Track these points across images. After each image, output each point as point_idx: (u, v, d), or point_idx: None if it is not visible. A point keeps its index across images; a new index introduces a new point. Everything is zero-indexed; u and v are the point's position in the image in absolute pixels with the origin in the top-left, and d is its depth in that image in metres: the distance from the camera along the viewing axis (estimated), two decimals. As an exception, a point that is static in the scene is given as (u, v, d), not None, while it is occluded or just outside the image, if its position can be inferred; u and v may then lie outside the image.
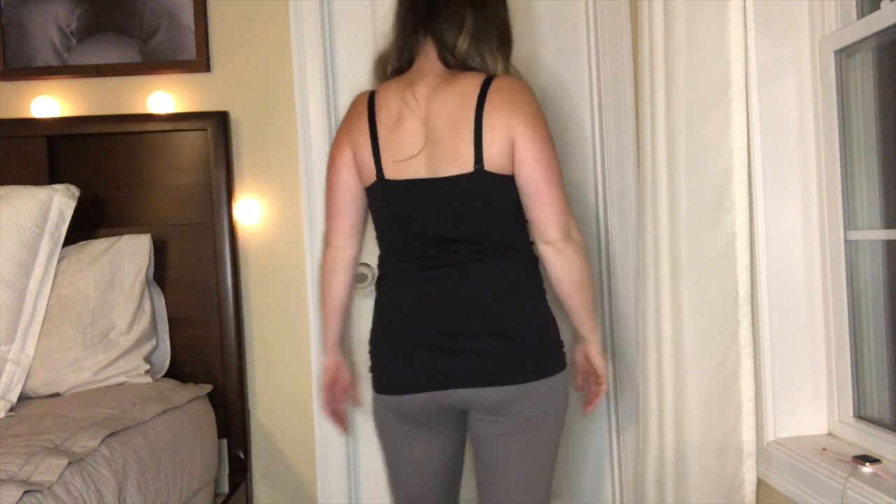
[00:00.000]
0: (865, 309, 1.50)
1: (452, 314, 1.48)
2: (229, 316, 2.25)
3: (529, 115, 1.47)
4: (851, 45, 1.47)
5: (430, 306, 1.50)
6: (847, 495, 1.29)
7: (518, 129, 1.45)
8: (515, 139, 1.45)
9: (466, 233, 1.49)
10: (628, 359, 2.23)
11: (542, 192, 1.45)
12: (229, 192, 2.26)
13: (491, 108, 1.45)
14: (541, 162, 1.45)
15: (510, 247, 1.53)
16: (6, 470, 1.31)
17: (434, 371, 1.49)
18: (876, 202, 1.47)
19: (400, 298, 1.55)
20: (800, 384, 1.56)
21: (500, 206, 1.50)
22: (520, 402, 1.49)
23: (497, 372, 1.47)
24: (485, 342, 1.47)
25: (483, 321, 1.47)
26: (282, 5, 2.29)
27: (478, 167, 1.45)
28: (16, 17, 2.29)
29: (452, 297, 1.49)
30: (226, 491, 2.23)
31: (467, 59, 1.51)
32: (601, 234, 2.35)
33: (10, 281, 1.93)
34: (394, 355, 1.55)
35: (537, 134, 1.46)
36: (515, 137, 1.45)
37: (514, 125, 1.45)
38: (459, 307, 1.48)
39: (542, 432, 1.54)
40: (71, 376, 1.96)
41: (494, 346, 1.47)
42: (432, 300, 1.50)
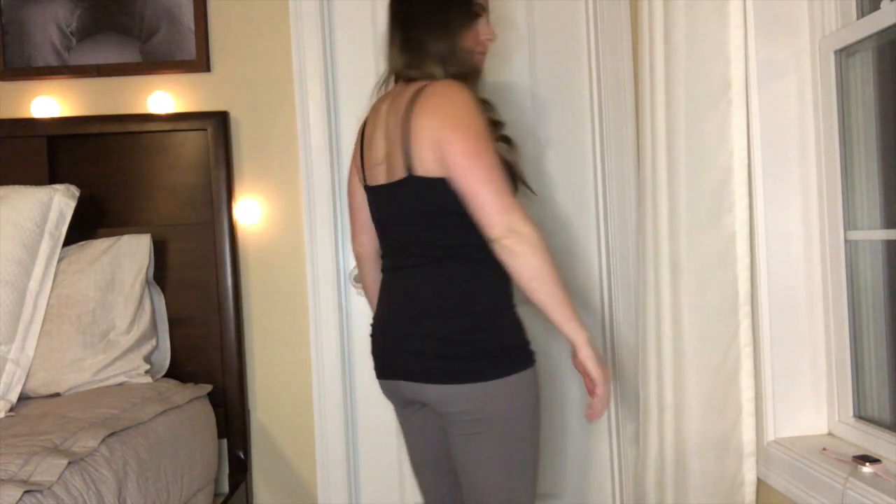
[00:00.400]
0: (865, 309, 1.50)
1: (405, 314, 1.58)
2: (229, 316, 2.25)
3: (454, 117, 1.48)
4: (851, 45, 1.47)
5: (396, 304, 1.61)
6: (847, 495, 1.29)
7: (443, 133, 1.47)
8: (441, 143, 1.48)
9: (417, 236, 1.57)
10: (628, 359, 2.24)
11: (475, 194, 1.46)
12: (229, 192, 2.26)
13: (416, 115, 1.50)
14: (468, 163, 1.46)
15: (454, 249, 1.54)
16: (6, 470, 1.31)
17: (389, 362, 1.61)
18: (876, 202, 1.47)
19: (381, 295, 1.69)
20: (800, 384, 1.56)
21: (436, 209, 1.53)
22: (458, 404, 1.51)
23: (434, 372, 1.53)
24: (424, 344, 1.54)
25: (423, 323, 1.54)
26: (282, 5, 2.30)
27: (408, 173, 1.52)
28: (16, 17, 2.29)
29: (406, 299, 1.58)
30: (226, 491, 2.23)
31: (408, 72, 1.58)
32: (601, 234, 2.35)
33: (10, 281, 1.93)
34: (373, 343, 1.68)
35: (461, 135, 1.47)
36: (441, 141, 1.47)
37: (438, 129, 1.47)
38: (409, 308, 1.58)
39: (490, 436, 1.52)
40: (71, 376, 1.96)
41: (432, 347, 1.53)
42: (398, 300, 1.61)
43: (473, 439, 1.53)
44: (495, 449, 1.53)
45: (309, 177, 2.30)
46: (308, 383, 2.31)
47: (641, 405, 1.87)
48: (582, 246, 2.39)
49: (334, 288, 2.31)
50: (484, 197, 1.45)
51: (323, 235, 2.30)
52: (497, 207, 1.45)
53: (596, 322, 2.38)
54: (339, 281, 2.32)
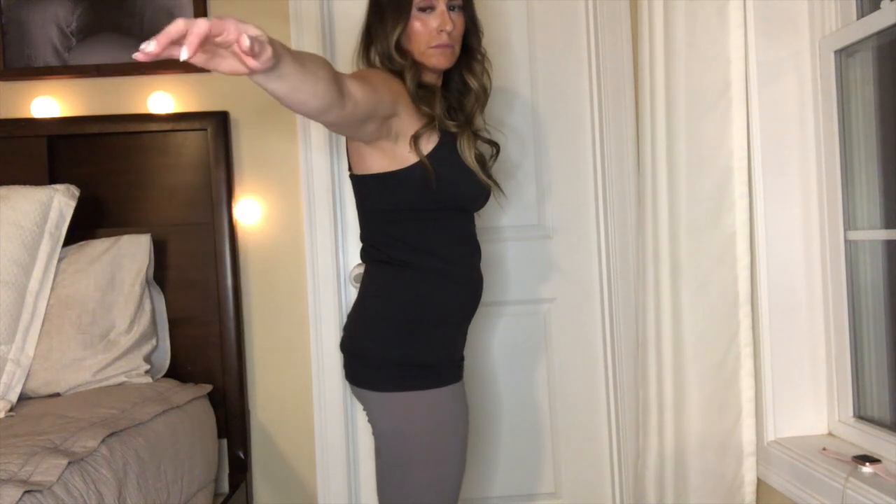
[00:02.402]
0: (865, 309, 1.50)
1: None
2: (229, 316, 2.25)
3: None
4: (851, 45, 1.47)
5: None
6: (847, 495, 1.29)
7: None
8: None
9: (362, 233, 1.62)
10: (628, 359, 2.24)
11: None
12: (229, 192, 2.26)
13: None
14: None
15: (375, 250, 1.56)
16: (6, 470, 1.31)
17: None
18: (876, 202, 1.47)
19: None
20: (800, 384, 1.56)
21: (364, 207, 1.57)
22: (360, 404, 1.57)
23: (346, 371, 1.58)
24: (343, 340, 1.60)
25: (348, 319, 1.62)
26: (282, 5, 2.29)
27: (349, 171, 1.59)
28: (16, 17, 2.29)
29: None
30: (226, 491, 2.22)
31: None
32: (601, 234, 2.35)
33: (10, 281, 1.93)
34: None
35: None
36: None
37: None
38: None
39: (383, 453, 1.51)
40: (71, 376, 1.96)
41: (344, 345, 1.58)
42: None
43: (377, 452, 1.54)
44: (387, 469, 1.51)
45: (309, 177, 2.30)
46: (308, 383, 2.31)
47: (641, 405, 1.87)
48: (582, 246, 2.38)
49: (334, 288, 2.31)
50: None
51: (323, 235, 2.30)
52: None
53: (596, 322, 2.38)
54: (339, 281, 2.32)
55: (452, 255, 1.55)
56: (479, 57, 1.65)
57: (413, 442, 1.47)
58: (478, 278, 1.62)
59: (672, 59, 1.63)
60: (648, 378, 1.80)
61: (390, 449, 1.49)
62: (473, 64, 1.64)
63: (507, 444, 2.38)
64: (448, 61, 1.58)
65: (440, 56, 1.56)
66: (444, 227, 1.54)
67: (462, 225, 1.60)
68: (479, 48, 1.65)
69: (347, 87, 1.26)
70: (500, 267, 2.36)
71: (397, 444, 1.48)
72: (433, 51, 1.55)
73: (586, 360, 2.39)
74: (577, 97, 2.37)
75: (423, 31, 1.55)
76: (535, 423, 2.39)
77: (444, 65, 1.57)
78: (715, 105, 1.56)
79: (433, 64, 1.57)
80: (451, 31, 1.55)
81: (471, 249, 1.61)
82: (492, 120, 2.34)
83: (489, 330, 2.37)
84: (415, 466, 1.48)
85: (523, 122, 2.37)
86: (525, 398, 2.39)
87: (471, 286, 1.59)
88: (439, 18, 1.54)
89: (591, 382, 2.38)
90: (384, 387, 1.48)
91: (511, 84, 2.37)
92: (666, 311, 1.71)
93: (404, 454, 1.47)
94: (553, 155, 2.38)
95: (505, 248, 2.38)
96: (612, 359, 2.33)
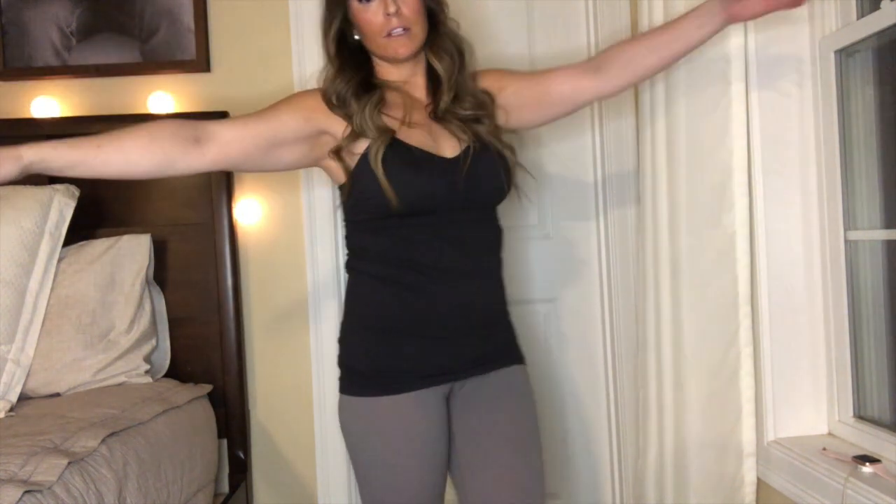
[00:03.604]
0: (865, 309, 1.50)
1: None
2: (229, 316, 2.25)
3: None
4: (851, 45, 1.47)
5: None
6: (847, 495, 1.29)
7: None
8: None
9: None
10: (628, 359, 2.24)
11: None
12: (229, 192, 2.26)
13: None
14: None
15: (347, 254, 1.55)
16: (6, 470, 1.31)
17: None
18: (876, 202, 1.47)
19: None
20: (800, 384, 1.56)
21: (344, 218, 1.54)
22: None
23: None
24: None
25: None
26: (282, 5, 2.29)
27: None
28: (16, 17, 2.29)
29: None
30: (226, 491, 2.22)
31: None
32: (601, 234, 2.35)
33: (10, 281, 1.93)
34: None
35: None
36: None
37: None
38: None
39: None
40: (71, 376, 1.96)
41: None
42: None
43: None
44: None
45: (309, 177, 2.30)
46: (308, 383, 2.31)
47: (641, 405, 1.87)
48: (582, 246, 2.38)
49: (334, 288, 2.31)
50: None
51: (323, 235, 2.30)
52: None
53: (596, 322, 2.38)
54: (339, 281, 2.32)
55: (400, 261, 1.43)
56: (442, 30, 1.48)
57: (349, 445, 1.51)
58: (449, 286, 1.42)
59: (672, 59, 1.63)
60: (648, 378, 1.80)
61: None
62: (437, 42, 1.48)
63: (507, 444, 2.38)
64: (407, 48, 1.43)
65: (395, 44, 1.42)
66: (393, 233, 1.43)
67: (420, 229, 1.42)
68: (443, 21, 1.48)
69: (209, 134, 1.35)
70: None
71: (351, 449, 1.52)
72: (386, 41, 1.42)
73: (586, 360, 2.39)
74: (577, 97, 2.37)
75: (372, 21, 1.42)
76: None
77: (403, 53, 1.43)
78: (715, 105, 1.56)
79: (391, 55, 1.44)
80: (398, 13, 1.39)
81: (433, 254, 1.42)
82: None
83: (489, 330, 2.37)
84: (356, 466, 1.51)
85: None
86: (525, 398, 2.39)
87: (426, 293, 1.42)
88: (380, 4, 1.39)
89: (591, 382, 2.38)
90: (341, 387, 1.52)
91: (511, 84, 2.36)
92: (666, 311, 1.71)
93: (352, 455, 1.52)
94: (553, 155, 2.38)
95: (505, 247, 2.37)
96: (612, 359, 2.33)
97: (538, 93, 1.54)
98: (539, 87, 1.54)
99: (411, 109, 1.46)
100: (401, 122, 1.44)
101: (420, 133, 1.44)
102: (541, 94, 1.53)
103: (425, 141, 1.44)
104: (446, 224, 1.43)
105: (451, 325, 1.44)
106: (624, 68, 1.47)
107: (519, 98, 1.54)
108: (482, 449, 1.47)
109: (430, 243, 1.43)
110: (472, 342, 1.47)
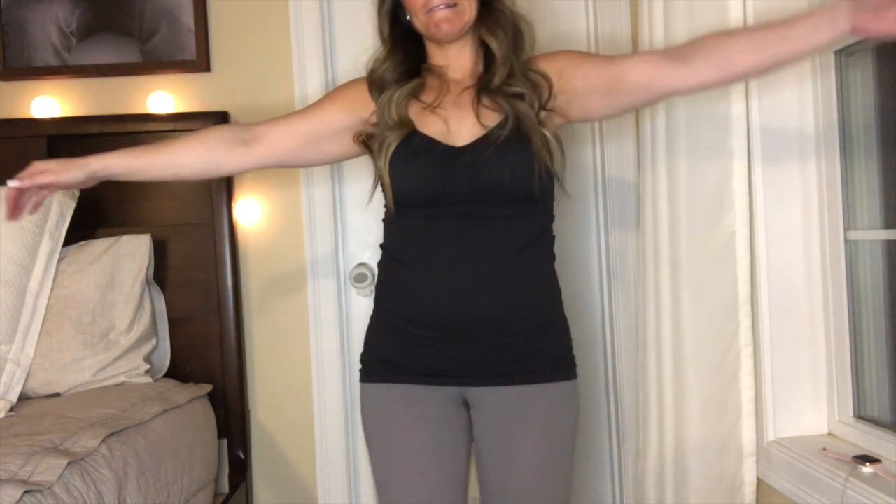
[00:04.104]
0: (865, 309, 1.50)
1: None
2: (229, 316, 2.25)
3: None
4: (851, 45, 1.47)
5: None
6: (847, 495, 1.29)
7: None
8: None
9: None
10: (628, 359, 2.23)
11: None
12: (229, 192, 2.26)
13: None
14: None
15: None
16: (6, 470, 1.31)
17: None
18: (876, 202, 1.47)
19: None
20: (800, 384, 1.56)
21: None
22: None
23: None
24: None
25: None
26: (282, 5, 2.29)
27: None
28: (16, 17, 2.29)
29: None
30: (226, 491, 2.22)
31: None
32: (601, 234, 2.35)
33: (10, 281, 1.93)
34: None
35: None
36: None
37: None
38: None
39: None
40: (71, 376, 1.96)
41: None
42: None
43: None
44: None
45: (309, 176, 2.30)
46: (308, 383, 2.31)
47: (641, 405, 1.87)
48: (582, 246, 2.38)
49: (334, 288, 2.31)
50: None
51: (323, 235, 2.30)
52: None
53: (596, 322, 2.38)
54: (339, 281, 2.32)
55: (401, 254, 1.42)
56: (497, 7, 1.39)
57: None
58: (446, 285, 1.36)
59: (672, 59, 1.63)
60: (648, 378, 1.80)
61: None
62: (492, 17, 1.39)
63: (507, 444, 2.38)
64: (451, 24, 1.34)
65: (437, 19, 1.34)
66: (401, 225, 1.40)
67: (420, 221, 1.38)
68: (501, 0, 1.39)
69: (255, 135, 1.44)
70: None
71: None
72: (427, 17, 1.34)
73: (586, 360, 2.38)
74: (577, 97, 2.37)
75: None
76: (535, 423, 2.38)
77: (445, 29, 1.35)
78: (715, 105, 1.56)
79: (433, 32, 1.36)
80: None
81: (428, 249, 1.37)
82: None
83: (489, 330, 2.37)
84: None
85: (523, 122, 2.37)
86: (525, 398, 2.39)
87: (417, 289, 1.38)
88: None
89: (591, 382, 2.38)
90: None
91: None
92: (666, 311, 1.70)
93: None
94: (553, 155, 2.38)
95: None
96: (612, 359, 2.33)
97: (610, 78, 1.36)
98: (611, 72, 1.36)
99: (444, 93, 1.40)
100: (424, 107, 1.39)
101: (436, 119, 1.38)
102: (612, 81, 1.35)
103: (438, 128, 1.37)
104: (452, 217, 1.35)
105: (444, 327, 1.37)
106: (714, 62, 1.25)
107: (588, 83, 1.38)
108: (498, 473, 1.41)
109: (430, 237, 1.37)
110: (479, 349, 1.38)
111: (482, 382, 1.40)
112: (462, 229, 1.36)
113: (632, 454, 2.19)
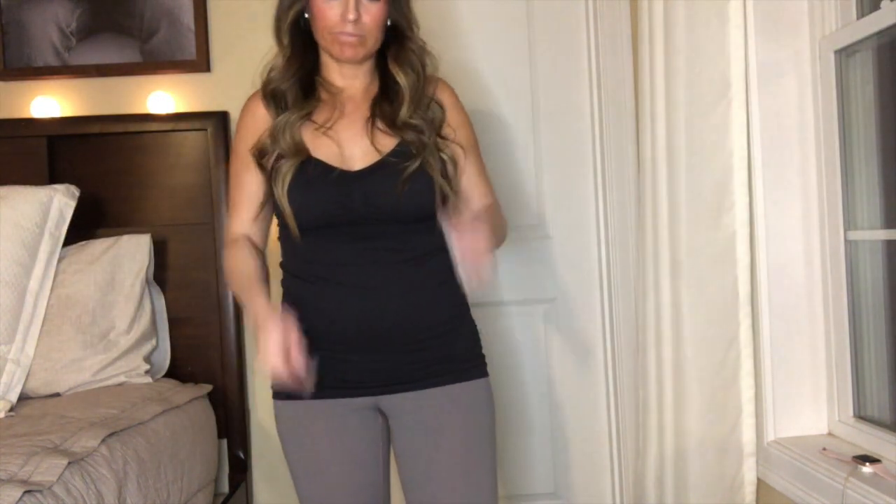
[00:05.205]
0: (865, 309, 1.50)
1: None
2: (229, 316, 2.25)
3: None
4: (851, 45, 1.47)
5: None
6: (847, 495, 1.29)
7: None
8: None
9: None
10: (628, 359, 2.23)
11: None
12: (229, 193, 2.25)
13: None
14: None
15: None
16: (6, 470, 1.31)
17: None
18: (876, 202, 1.47)
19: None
20: (800, 384, 1.56)
21: None
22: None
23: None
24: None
25: None
26: (282, 5, 2.29)
27: None
28: (16, 17, 2.29)
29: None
30: (226, 491, 2.22)
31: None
32: (601, 234, 2.35)
33: (10, 281, 1.93)
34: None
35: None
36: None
37: None
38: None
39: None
40: (71, 376, 1.96)
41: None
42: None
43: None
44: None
45: (309, 177, 2.29)
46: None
47: (641, 405, 1.87)
48: (582, 246, 2.38)
49: (334, 288, 2.30)
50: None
51: (323, 235, 2.30)
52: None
53: (596, 322, 2.38)
54: (339, 281, 2.32)
55: (308, 272, 1.45)
56: (408, 45, 1.44)
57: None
58: (356, 299, 1.39)
59: (672, 59, 1.63)
60: (648, 378, 1.80)
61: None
62: (402, 55, 1.43)
63: (506, 444, 2.38)
64: (354, 52, 1.39)
65: (342, 44, 1.38)
66: (301, 244, 1.44)
67: (323, 242, 1.41)
68: (410, 36, 1.44)
69: (245, 236, 1.53)
70: (500, 267, 2.36)
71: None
72: (334, 37, 1.38)
73: (586, 360, 2.39)
74: (577, 97, 2.37)
75: (328, 16, 1.37)
76: (535, 423, 2.38)
77: (348, 54, 1.39)
78: (715, 105, 1.56)
79: (336, 53, 1.40)
80: (358, 21, 1.35)
81: (336, 266, 1.41)
82: (491, 119, 2.35)
83: (489, 330, 2.37)
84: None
85: (523, 121, 2.37)
86: (524, 398, 2.39)
87: (320, 304, 1.41)
88: (343, 5, 1.35)
89: (591, 382, 2.38)
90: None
91: (511, 84, 2.36)
92: (666, 311, 1.70)
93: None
94: (553, 155, 2.38)
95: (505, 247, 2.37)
96: (612, 359, 2.33)
97: (463, 189, 1.51)
98: (463, 187, 1.51)
99: (337, 112, 1.44)
100: (316, 128, 1.41)
101: (329, 143, 1.41)
102: (463, 191, 1.51)
103: (332, 151, 1.41)
104: (352, 237, 1.40)
105: (354, 339, 1.39)
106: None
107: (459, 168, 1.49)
108: (422, 470, 1.43)
109: (333, 256, 1.41)
110: (391, 357, 1.41)
111: (397, 389, 1.42)
112: (363, 246, 1.40)
113: (632, 454, 2.19)
